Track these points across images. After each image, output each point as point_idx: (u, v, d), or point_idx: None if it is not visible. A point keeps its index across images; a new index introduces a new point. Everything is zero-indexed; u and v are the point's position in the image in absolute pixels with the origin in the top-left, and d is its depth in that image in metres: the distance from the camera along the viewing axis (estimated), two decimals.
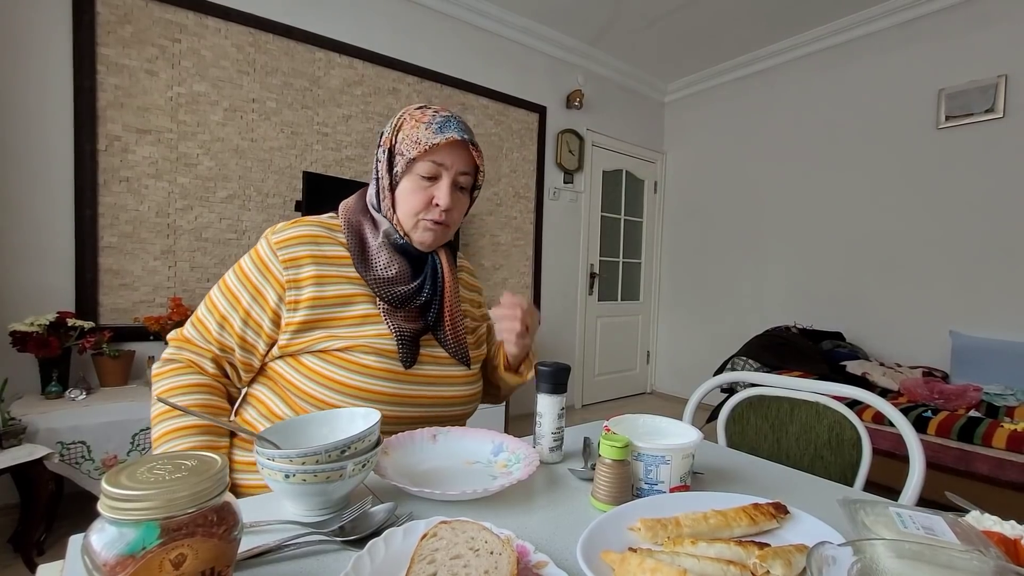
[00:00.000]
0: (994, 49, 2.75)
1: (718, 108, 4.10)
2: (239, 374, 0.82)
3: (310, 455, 0.55)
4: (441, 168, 0.81)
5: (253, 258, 0.81)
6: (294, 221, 0.84)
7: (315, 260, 0.80)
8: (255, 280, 0.79)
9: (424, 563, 0.45)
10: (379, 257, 0.83)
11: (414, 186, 0.82)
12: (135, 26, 2.15)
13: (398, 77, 2.93)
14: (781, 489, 0.74)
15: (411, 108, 0.85)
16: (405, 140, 0.81)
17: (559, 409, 0.78)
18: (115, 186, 2.14)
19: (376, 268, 0.82)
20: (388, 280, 0.82)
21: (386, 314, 0.80)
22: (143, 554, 0.35)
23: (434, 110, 0.84)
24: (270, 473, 0.55)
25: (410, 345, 0.80)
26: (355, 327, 0.79)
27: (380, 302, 0.81)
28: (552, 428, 0.78)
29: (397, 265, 0.83)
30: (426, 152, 0.80)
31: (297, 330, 0.78)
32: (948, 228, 2.91)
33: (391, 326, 0.80)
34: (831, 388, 1.10)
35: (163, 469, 0.39)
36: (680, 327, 4.42)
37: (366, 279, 0.81)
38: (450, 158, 0.81)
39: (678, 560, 0.47)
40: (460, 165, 0.83)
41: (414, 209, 0.82)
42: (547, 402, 0.78)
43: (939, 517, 0.54)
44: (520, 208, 3.55)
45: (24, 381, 1.93)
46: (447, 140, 0.79)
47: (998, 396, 2.38)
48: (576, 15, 3.33)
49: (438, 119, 0.82)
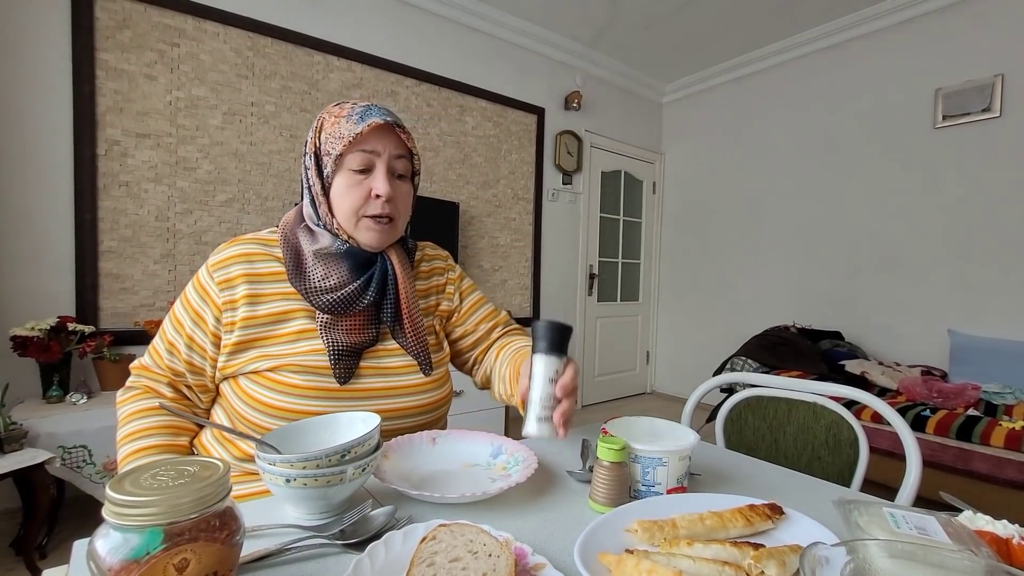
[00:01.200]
0: (991, 48, 2.76)
1: (716, 109, 4.11)
2: (198, 396, 0.82)
3: (311, 460, 0.56)
4: (372, 156, 0.78)
5: (195, 284, 0.80)
6: (231, 240, 0.82)
7: (248, 279, 0.78)
8: (195, 305, 0.78)
9: (423, 566, 0.45)
10: (315, 269, 0.80)
11: (348, 182, 0.78)
12: (134, 31, 2.16)
13: (396, 80, 2.94)
14: (777, 490, 0.75)
15: (329, 107, 0.82)
16: (329, 139, 0.78)
17: (554, 373, 0.67)
18: (115, 190, 2.15)
19: (312, 280, 0.79)
20: (324, 289, 0.78)
21: (323, 328, 0.77)
22: (147, 559, 0.35)
23: (352, 103, 0.81)
24: (271, 478, 0.56)
25: (347, 359, 0.77)
26: (288, 344, 0.77)
27: (319, 315, 0.78)
28: (542, 394, 0.66)
29: (337, 275, 0.80)
30: (352, 143, 0.77)
31: (232, 351, 0.77)
32: (946, 227, 2.92)
33: (326, 340, 0.76)
34: (828, 388, 1.11)
35: (166, 475, 0.40)
36: (679, 327, 4.43)
37: (300, 291, 0.78)
38: (380, 143, 0.78)
39: (674, 561, 0.48)
40: (392, 148, 0.79)
41: (353, 206, 0.79)
42: (541, 364, 0.67)
43: (932, 517, 0.55)
44: (519, 209, 3.56)
45: (25, 385, 1.94)
46: (370, 126, 0.76)
47: (996, 395, 2.38)
48: (574, 17, 3.34)
49: (358, 109, 0.79)
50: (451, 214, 2.99)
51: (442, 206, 2.95)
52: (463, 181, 3.25)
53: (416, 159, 0.85)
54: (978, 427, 2.03)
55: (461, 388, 2.62)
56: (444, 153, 3.16)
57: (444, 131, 3.15)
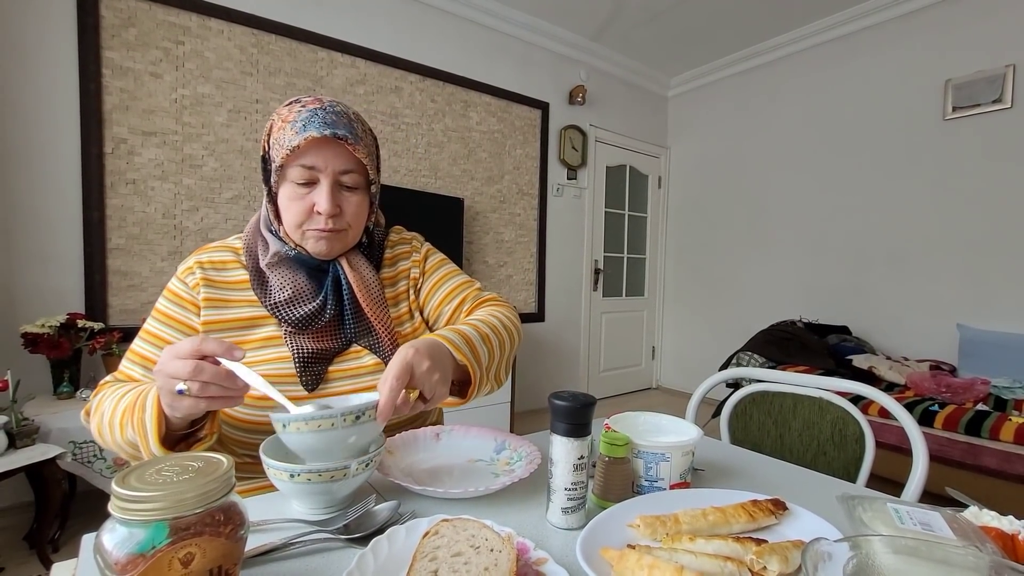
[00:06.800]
0: (1001, 38, 2.71)
1: (722, 102, 4.08)
2: None
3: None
4: (314, 172, 0.71)
5: (167, 297, 0.76)
6: (199, 248, 0.80)
7: (213, 284, 0.76)
8: (176, 315, 0.75)
9: (426, 560, 0.46)
10: (273, 278, 0.76)
11: (291, 194, 0.73)
12: (139, 29, 2.17)
13: (400, 75, 2.93)
14: (781, 485, 0.75)
15: (281, 106, 0.75)
16: (274, 145, 0.72)
17: (578, 457, 0.57)
18: (122, 188, 2.17)
19: (271, 291, 0.76)
20: (284, 302, 0.75)
21: (288, 335, 0.75)
22: (153, 553, 0.36)
23: (303, 104, 0.73)
24: (276, 473, 0.57)
25: (314, 366, 0.74)
26: (253, 352, 0.74)
27: (281, 324, 0.75)
28: (567, 482, 0.57)
29: (291, 285, 0.76)
30: (291, 156, 0.70)
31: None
32: (955, 220, 2.88)
33: (291, 346, 0.74)
34: (834, 383, 1.10)
35: (171, 471, 0.40)
36: (685, 322, 4.41)
37: (264, 304, 0.75)
38: (321, 159, 0.71)
39: (676, 557, 0.48)
40: (336, 164, 0.72)
41: (296, 220, 0.74)
42: (562, 447, 0.58)
43: (937, 513, 0.55)
44: (524, 205, 3.55)
45: (36, 382, 1.96)
46: (307, 140, 0.69)
47: (1006, 389, 2.36)
48: (578, 10, 3.32)
49: (303, 115, 0.71)
50: (456, 210, 2.99)
51: (447, 202, 2.95)
52: (468, 177, 3.25)
53: (371, 169, 0.77)
54: (987, 422, 2.02)
55: None
56: (448, 149, 3.15)
57: (448, 127, 3.15)
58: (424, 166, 3.05)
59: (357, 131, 0.74)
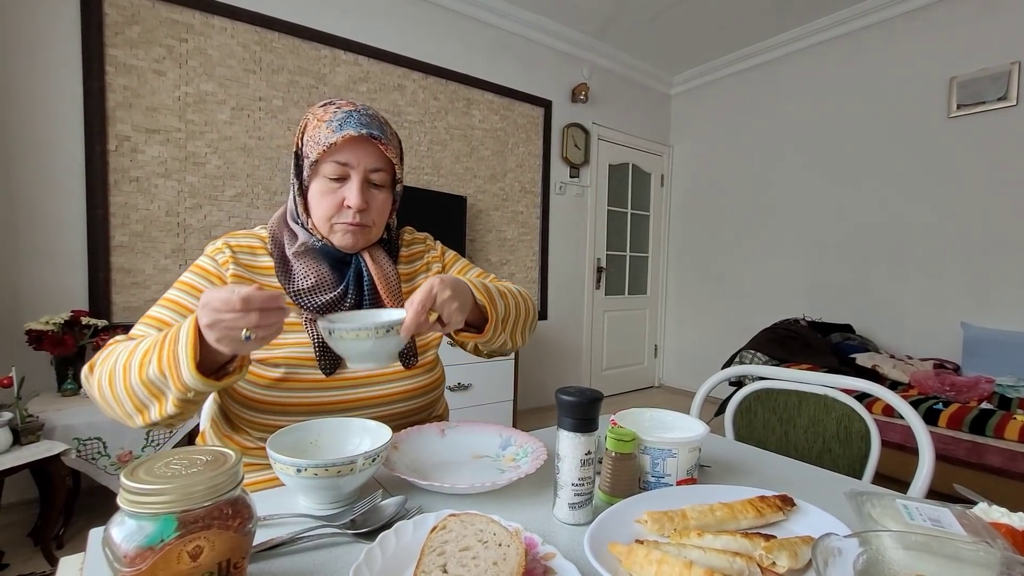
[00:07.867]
0: (1006, 36, 2.70)
1: (725, 100, 4.07)
2: None
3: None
4: (347, 168, 0.77)
5: (194, 271, 0.79)
6: (227, 234, 0.85)
7: (242, 266, 0.80)
8: (203, 287, 0.77)
9: (434, 555, 0.46)
10: (297, 267, 0.81)
11: (323, 189, 0.78)
12: (143, 26, 2.17)
13: (403, 73, 2.93)
14: (788, 482, 0.75)
15: (315, 106, 0.81)
16: (309, 142, 0.78)
17: (585, 452, 0.58)
18: (125, 186, 2.17)
19: (295, 279, 0.80)
20: (307, 290, 0.79)
21: (308, 322, 0.79)
22: (162, 546, 0.36)
23: (337, 105, 0.79)
24: (282, 467, 0.57)
25: (331, 351, 0.78)
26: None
27: (303, 310, 0.79)
28: (574, 478, 0.58)
29: (316, 274, 0.80)
30: (326, 152, 0.76)
31: None
32: (960, 218, 2.87)
33: (311, 333, 0.79)
34: (839, 381, 1.10)
35: (179, 464, 0.40)
36: (688, 320, 4.41)
37: (287, 291, 0.79)
38: (354, 156, 0.77)
39: (684, 552, 0.48)
40: (368, 162, 0.78)
41: (326, 213, 0.79)
42: (568, 442, 0.59)
43: (946, 509, 0.54)
44: (526, 203, 3.55)
45: (41, 379, 1.97)
46: (344, 138, 0.75)
47: (1011, 388, 2.35)
48: (580, 8, 3.31)
49: (339, 115, 0.77)
50: (458, 208, 2.98)
51: (449, 200, 2.94)
52: (470, 175, 3.25)
53: (398, 168, 0.83)
54: (992, 420, 2.01)
55: (469, 382, 2.63)
56: (451, 147, 3.15)
57: (451, 124, 3.14)
58: (427, 164, 3.05)
59: (387, 133, 0.80)
